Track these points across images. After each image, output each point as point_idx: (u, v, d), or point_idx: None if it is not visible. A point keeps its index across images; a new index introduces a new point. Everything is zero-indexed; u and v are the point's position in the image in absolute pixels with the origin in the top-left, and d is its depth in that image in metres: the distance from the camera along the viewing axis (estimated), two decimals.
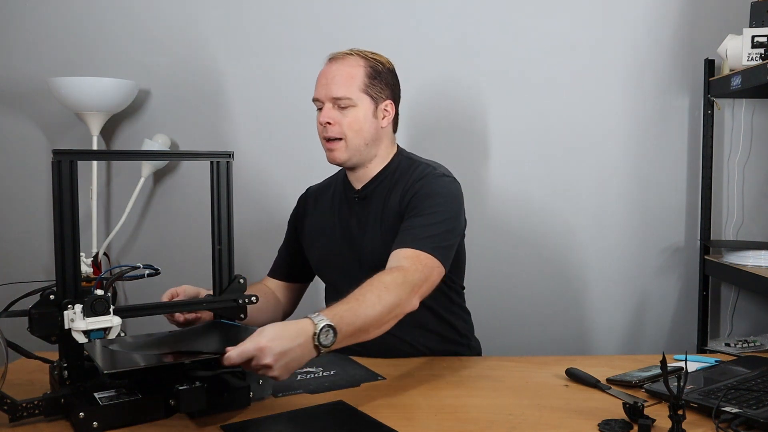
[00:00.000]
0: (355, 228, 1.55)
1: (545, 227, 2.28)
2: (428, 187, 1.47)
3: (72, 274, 1.14)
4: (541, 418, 1.13)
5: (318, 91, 1.52)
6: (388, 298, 1.22)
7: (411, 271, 1.30)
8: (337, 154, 1.52)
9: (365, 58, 1.53)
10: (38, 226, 2.40)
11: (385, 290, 1.24)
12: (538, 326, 2.31)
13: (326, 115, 1.50)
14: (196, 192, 2.32)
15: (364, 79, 1.51)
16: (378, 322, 1.21)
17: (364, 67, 1.51)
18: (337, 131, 1.50)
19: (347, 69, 1.51)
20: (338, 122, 1.50)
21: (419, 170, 1.52)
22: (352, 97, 1.49)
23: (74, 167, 1.13)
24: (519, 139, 2.28)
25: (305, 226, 1.67)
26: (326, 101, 1.50)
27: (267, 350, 1.04)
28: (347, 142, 1.50)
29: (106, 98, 2.16)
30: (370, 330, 1.21)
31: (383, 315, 1.22)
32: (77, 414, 1.04)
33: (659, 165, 2.26)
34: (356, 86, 1.50)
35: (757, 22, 2.00)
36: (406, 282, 1.28)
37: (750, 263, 1.99)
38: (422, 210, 1.43)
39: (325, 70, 1.53)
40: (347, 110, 1.50)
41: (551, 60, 2.25)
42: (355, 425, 1.10)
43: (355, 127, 1.50)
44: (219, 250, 1.28)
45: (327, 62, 1.54)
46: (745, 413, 1.06)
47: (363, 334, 1.20)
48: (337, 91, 1.49)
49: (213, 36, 2.33)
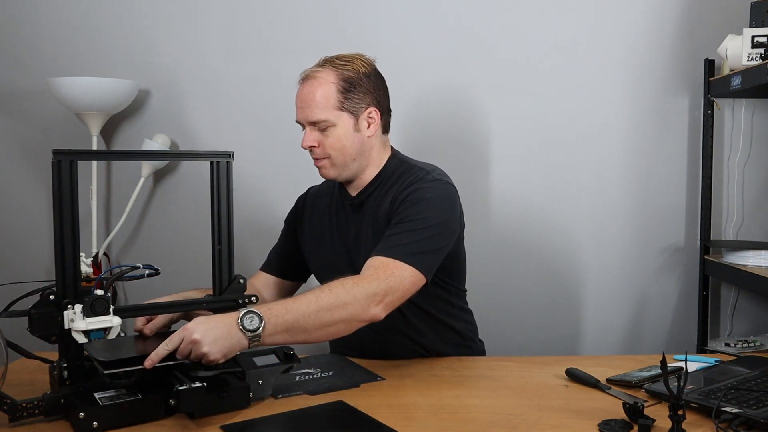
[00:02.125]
0: (351, 235, 1.55)
1: (545, 227, 2.28)
2: (415, 193, 1.45)
3: (72, 274, 1.14)
4: (541, 418, 1.13)
5: (297, 114, 1.51)
6: (326, 298, 1.24)
7: (368, 279, 1.30)
8: (326, 172, 1.52)
9: (336, 69, 1.49)
10: (38, 226, 2.39)
11: (327, 291, 1.26)
12: (539, 326, 2.30)
13: (308, 140, 1.49)
14: (196, 192, 2.32)
15: (338, 96, 1.47)
16: (316, 321, 1.22)
17: (336, 82, 1.48)
18: (320, 152, 1.49)
19: (319, 89, 1.47)
20: (321, 143, 1.49)
21: (411, 175, 1.50)
22: (329, 118, 1.47)
23: (74, 167, 1.13)
24: (518, 139, 2.28)
25: (304, 229, 1.66)
26: (306, 124, 1.49)
27: (192, 329, 1.12)
28: (332, 160, 1.50)
29: (106, 98, 2.16)
30: (308, 328, 1.21)
31: (320, 313, 1.22)
32: (77, 414, 1.04)
33: (659, 165, 2.26)
34: (331, 105, 1.47)
35: (757, 22, 2.00)
36: (358, 288, 1.27)
37: (750, 263, 1.99)
38: (405, 217, 1.42)
39: (299, 92, 1.50)
40: (327, 131, 1.48)
41: (551, 60, 2.25)
42: (355, 425, 1.10)
43: (337, 146, 1.48)
44: (219, 250, 1.28)
45: (300, 82, 1.52)
46: (745, 413, 1.06)
47: (301, 332, 1.21)
48: (312, 115, 1.47)
49: (213, 36, 2.33)
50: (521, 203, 2.27)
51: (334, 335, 1.29)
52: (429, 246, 1.39)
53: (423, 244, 1.38)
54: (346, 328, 1.28)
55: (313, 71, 1.50)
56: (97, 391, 1.11)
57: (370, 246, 1.47)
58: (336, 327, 1.26)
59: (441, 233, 1.42)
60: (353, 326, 1.28)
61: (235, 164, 1.30)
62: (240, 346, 1.15)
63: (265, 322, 1.17)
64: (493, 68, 2.26)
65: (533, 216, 2.28)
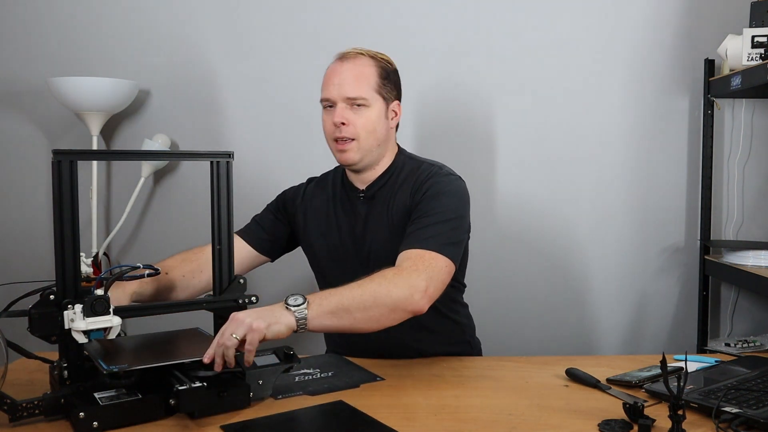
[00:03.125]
0: (360, 227, 1.54)
1: (545, 227, 2.28)
2: (435, 186, 1.47)
3: (72, 274, 1.14)
4: (541, 418, 1.13)
5: (329, 91, 1.49)
6: (369, 284, 1.25)
7: (409, 270, 1.31)
8: (350, 155, 1.49)
9: (374, 59, 1.52)
10: (38, 226, 2.39)
11: (368, 279, 1.26)
12: (538, 326, 2.31)
13: (340, 115, 1.47)
14: (196, 192, 2.32)
15: (377, 79, 1.50)
16: (360, 305, 1.22)
17: (375, 67, 1.50)
18: (350, 132, 1.47)
19: (360, 68, 1.49)
20: (352, 122, 1.47)
21: (425, 170, 1.52)
22: (367, 97, 1.48)
23: (74, 167, 1.13)
24: (518, 139, 2.28)
25: (302, 217, 1.63)
26: (339, 101, 1.48)
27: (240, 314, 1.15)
28: (360, 142, 1.48)
29: (106, 98, 2.16)
30: (353, 312, 1.22)
31: (364, 297, 1.23)
32: (77, 414, 1.04)
33: (659, 165, 2.26)
34: (370, 86, 1.48)
35: (757, 22, 2.00)
36: (400, 277, 1.28)
37: (750, 263, 1.99)
38: (429, 210, 1.43)
39: (336, 69, 1.50)
40: (361, 110, 1.48)
41: (551, 60, 2.25)
42: (355, 425, 1.10)
43: (369, 127, 1.48)
44: (219, 250, 1.28)
45: (336, 61, 1.51)
46: (745, 413, 1.06)
47: (346, 315, 1.22)
48: (352, 90, 1.47)
49: (213, 36, 2.33)
50: (521, 203, 2.27)
51: (380, 323, 1.26)
52: (455, 237, 1.41)
53: (450, 235, 1.40)
54: (391, 316, 1.26)
55: (353, 52, 1.51)
56: (97, 391, 1.11)
57: (385, 238, 1.48)
58: (380, 312, 1.24)
59: (461, 226, 1.46)
60: (398, 315, 1.27)
61: (235, 164, 1.30)
62: (287, 323, 1.16)
63: (309, 302, 1.18)
64: (493, 68, 2.26)
65: (533, 215, 2.28)
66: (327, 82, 1.50)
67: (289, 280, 2.34)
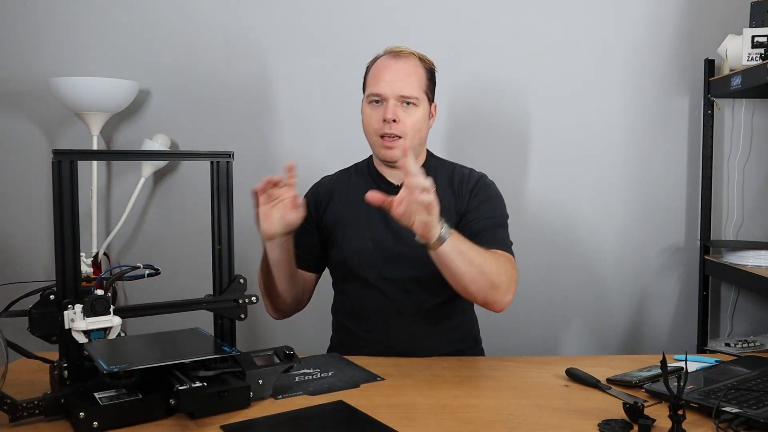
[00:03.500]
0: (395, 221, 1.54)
1: (544, 227, 2.28)
2: (488, 190, 1.58)
3: (72, 274, 1.14)
4: (541, 418, 1.13)
5: (382, 87, 1.51)
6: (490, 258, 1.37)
7: (512, 269, 1.44)
8: (396, 152, 1.51)
9: (422, 59, 1.56)
10: (38, 226, 2.40)
11: (490, 253, 1.38)
12: (539, 326, 2.31)
13: (393, 112, 1.49)
14: (196, 192, 2.32)
15: (425, 81, 1.54)
16: (479, 266, 1.33)
17: (423, 68, 1.55)
18: (399, 129, 1.50)
19: (412, 68, 1.53)
20: (402, 120, 1.50)
21: (469, 174, 1.60)
22: (418, 96, 1.52)
23: (74, 167, 1.13)
24: (517, 139, 2.28)
25: (327, 217, 1.63)
26: (392, 98, 1.50)
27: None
28: (406, 140, 1.51)
29: (106, 98, 2.16)
30: (472, 264, 1.32)
31: (483, 265, 1.33)
32: (77, 414, 1.04)
33: (659, 165, 2.26)
34: (420, 86, 1.53)
35: (757, 22, 2.00)
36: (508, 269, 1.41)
37: (750, 263, 1.99)
38: (487, 213, 1.53)
39: (388, 66, 1.52)
40: (410, 109, 1.51)
41: (551, 60, 2.25)
42: (355, 425, 1.10)
43: (417, 126, 1.52)
44: (219, 250, 1.28)
45: (388, 57, 1.54)
46: (745, 413, 1.06)
47: (467, 262, 1.31)
48: (406, 89, 1.50)
49: (213, 36, 2.33)
50: (520, 203, 2.27)
51: (473, 288, 1.35)
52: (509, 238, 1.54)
53: (508, 237, 1.54)
54: (485, 291, 1.36)
55: (405, 51, 1.55)
56: (97, 391, 1.11)
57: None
58: (484, 282, 1.34)
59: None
60: (489, 296, 1.37)
61: (235, 164, 1.30)
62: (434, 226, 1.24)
63: (452, 233, 1.28)
64: (492, 68, 2.26)
65: (532, 215, 2.28)
66: (378, 78, 1.52)
67: None
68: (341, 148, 2.05)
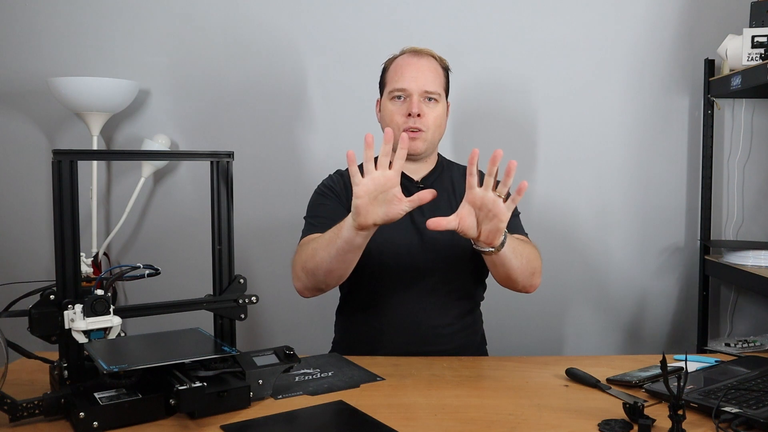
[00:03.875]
0: (425, 213, 1.53)
1: (545, 227, 2.28)
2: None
3: (72, 274, 1.14)
4: (541, 418, 1.13)
5: (407, 82, 1.56)
6: (528, 247, 1.50)
7: (537, 252, 1.55)
8: (418, 144, 1.58)
9: (440, 60, 1.63)
10: (38, 226, 2.40)
11: (526, 242, 1.53)
12: (539, 326, 2.31)
13: (418, 106, 1.55)
14: (196, 192, 2.32)
15: (444, 79, 1.62)
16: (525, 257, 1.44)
17: (442, 67, 1.62)
18: (423, 123, 1.57)
19: (434, 66, 1.60)
20: (425, 115, 1.57)
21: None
22: (441, 92, 1.59)
23: (74, 167, 1.13)
24: (517, 139, 2.28)
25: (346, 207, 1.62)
26: (416, 93, 1.56)
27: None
28: (427, 134, 1.58)
29: (106, 98, 2.16)
30: (521, 258, 1.42)
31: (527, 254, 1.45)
32: (77, 414, 1.04)
33: (659, 165, 2.26)
34: (441, 84, 1.60)
35: (757, 22, 2.00)
36: (538, 254, 1.54)
37: (750, 263, 1.99)
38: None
39: (412, 63, 1.59)
40: (432, 105, 1.58)
41: (550, 60, 2.25)
42: (355, 425, 1.10)
43: (437, 122, 1.59)
44: (219, 250, 1.28)
45: (410, 55, 1.61)
46: (745, 413, 1.06)
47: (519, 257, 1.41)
48: (430, 85, 1.57)
49: (213, 36, 2.33)
50: (520, 202, 2.26)
51: (520, 278, 1.46)
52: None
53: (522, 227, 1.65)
54: (527, 278, 1.48)
55: (426, 50, 1.61)
56: (97, 390, 1.11)
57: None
58: (528, 270, 1.46)
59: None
60: (530, 281, 1.50)
61: (235, 164, 1.30)
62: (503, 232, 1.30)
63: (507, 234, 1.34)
64: (492, 68, 2.26)
65: (532, 215, 2.28)
66: (402, 74, 1.58)
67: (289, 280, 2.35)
68: (343, 148, 2.05)
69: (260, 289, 1.73)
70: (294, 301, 2.36)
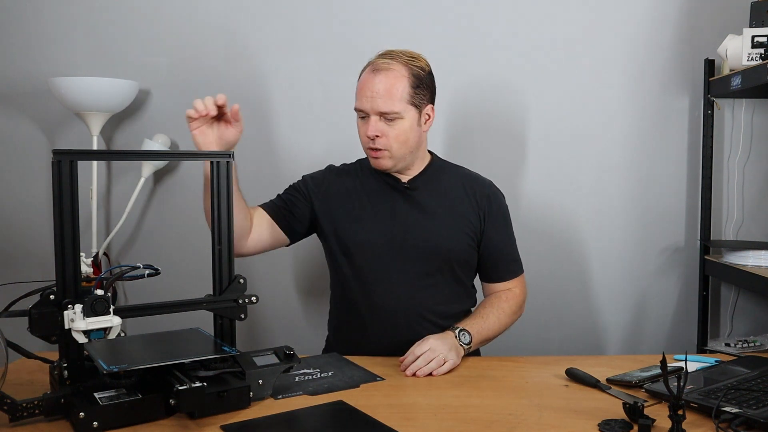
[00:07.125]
0: (403, 215, 1.59)
1: (545, 227, 2.28)
2: (502, 204, 1.69)
3: (72, 274, 1.14)
4: (541, 418, 1.13)
5: (362, 103, 1.53)
6: (506, 321, 1.63)
7: (520, 296, 1.70)
8: (383, 162, 1.57)
9: (407, 65, 1.54)
10: (38, 226, 2.39)
11: (504, 315, 1.62)
12: (538, 326, 2.30)
13: (374, 129, 1.52)
14: (196, 192, 2.31)
15: (409, 90, 1.53)
16: (496, 332, 1.60)
17: (408, 77, 1.53)
18: (383, 143, 1.53)
19: (392, 81, 1.52)
20: (385, 134, 1.53)
21: (480, 180, 1.69)
22: (399, 110, 1.52)
23: (74, 167, 1.13)
24: (517, 139, 2.28)
25: (328, 204, 1.64)
26: (372, 114, 1.52)
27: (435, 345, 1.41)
28: (392, 152, 1.55)
29: (106, 98, 2.16)
30: (490, 338, 1.60)
31: (499, 329, 1.61)
32: (77, 414, 1.04)
33: (659, 165, 2.26)
34: (402, 99, 1.52)
35: (757, 22, 2.00)
36: (519, 307, 1.69)
37: (750, 263, 1.99)
38: (503, 231, 1.68)
39: (368, 82, 1.53)
40: (394, 122, 1.53)
41: (550, 60, 2.25)
42: (355, 425, 1.10)
43: (401, 138, 1.54)
44: (219, 250, 1.28)
45: (369, 71, 1.54)
46: (745, 413, 1.06)
47: (485, 341, 1.59)
48: (384, 105, 1.51)
49: (213, 36, 2.32)
50: (519, 203, 2.27)
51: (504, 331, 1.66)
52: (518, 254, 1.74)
53: (518, 253, 1.74)
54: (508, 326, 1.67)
55: (385, 63, 1.54)
56: (97, 391, 1.11)
57: (440, 224, 1.60)
58: (507, 324, 1.65)
59: None
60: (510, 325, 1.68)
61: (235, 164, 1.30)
62: (459, 356, 1.45)
63: (473, 337, 1.50)
64: (491, 68, 2.26)
65: (532, 215, 2.28)
66: (360, 93, 1.55)
67: (289, 280, 2.35)
68: (341, 148, 2.05)
69: (260, 289, 1.73)
70: (294, 301, 2.37)
